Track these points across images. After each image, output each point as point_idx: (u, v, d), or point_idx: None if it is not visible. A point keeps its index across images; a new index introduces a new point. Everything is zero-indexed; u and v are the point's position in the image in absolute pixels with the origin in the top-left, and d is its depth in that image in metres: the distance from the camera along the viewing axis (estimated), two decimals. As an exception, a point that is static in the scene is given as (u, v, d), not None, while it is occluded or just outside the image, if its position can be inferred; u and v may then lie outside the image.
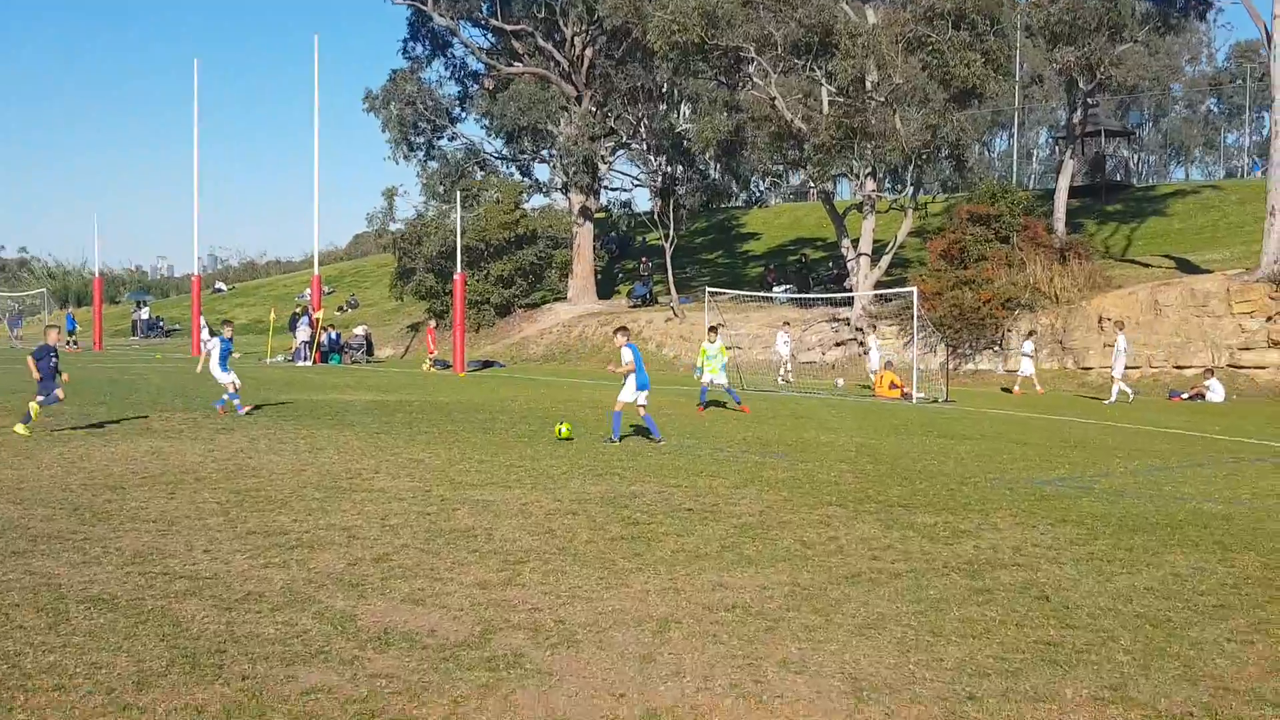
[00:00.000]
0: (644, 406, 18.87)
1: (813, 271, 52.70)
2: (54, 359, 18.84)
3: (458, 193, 48.24)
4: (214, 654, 6.98)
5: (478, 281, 51.12)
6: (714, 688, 6.61)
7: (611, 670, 6.89)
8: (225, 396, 22.29)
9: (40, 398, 18.36)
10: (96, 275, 65.52)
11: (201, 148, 54.94)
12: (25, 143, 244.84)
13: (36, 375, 18.54)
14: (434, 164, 56.12)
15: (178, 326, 70.98)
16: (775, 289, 47.97)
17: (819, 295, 42.24)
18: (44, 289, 73.43)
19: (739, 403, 25.74)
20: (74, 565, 9.20)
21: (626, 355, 18.76)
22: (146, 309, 73.53)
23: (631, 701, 6.35)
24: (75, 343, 58.41)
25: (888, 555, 10.19)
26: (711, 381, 25.94)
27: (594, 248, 55.16)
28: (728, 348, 26.73)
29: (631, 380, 18.71)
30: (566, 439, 18.51)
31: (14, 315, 68.01)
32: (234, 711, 6.01)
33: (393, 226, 56.00)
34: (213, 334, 29.00)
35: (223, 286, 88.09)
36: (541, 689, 6.52)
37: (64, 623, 7.57)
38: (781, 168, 49.50)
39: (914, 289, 33.64)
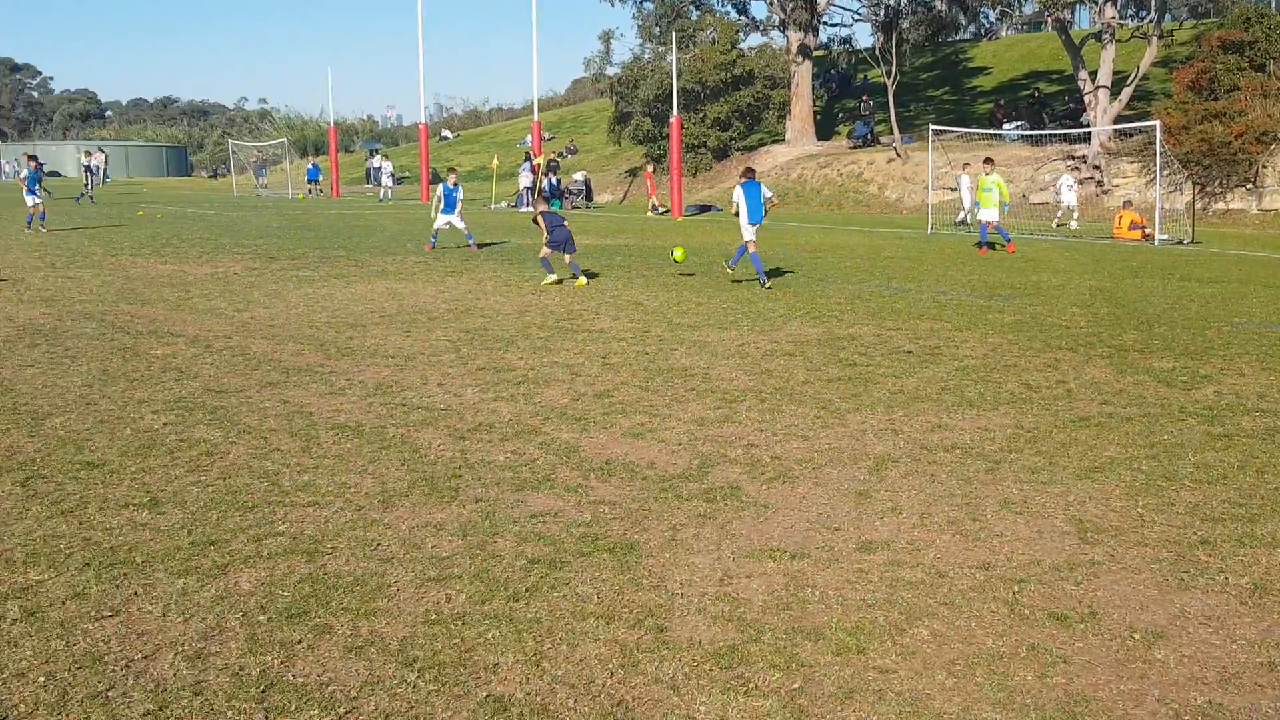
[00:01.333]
0: (752, 243, 18.50)
1: (1047, 107, 50.27)
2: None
3: (673, 34, 47.68)
4: (450, 478, 7.43)
5: (694, 125, 50.77)
6: (931, 524, 6.67)
7: (827, 505, 7.03)
8: (432, 239, 24.35)
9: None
10: (331, 125, 67.91)
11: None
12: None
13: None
14: (649, 5, 55.49)
15: (407, 174, 73.26)
16: (1005, 126, 46.05)
17: (1053, 132, 40.38)
18: (284, 139, 76.51)
19: (1008, 240, 25.20)
20: (322, 395, 9.86)
21: (735, 194, 18.62)
22: (378, 157, 75.97)
23: (847, 535, 6.48)
24: (321, 190, 61.02)
25: (1119, 400, 9.94)
26: (987, 219, 25.35)
27: (813, 87, 53.88)
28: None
29: (744, 217, 18.41)
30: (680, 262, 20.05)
31: (258, 164, 71.27)
32: (469, 530, 6.42)
33: (609, 71, 55.87)
34: (437, 180, 29.91)
35: (448, 134, 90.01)
36: (757, 520, 6.72)
37: (315, 447, 8.17)
38: (1013, -4, 47.04)
39: (1157, 123, 31.80)
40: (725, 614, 5.33)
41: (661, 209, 43.57)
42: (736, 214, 18.49)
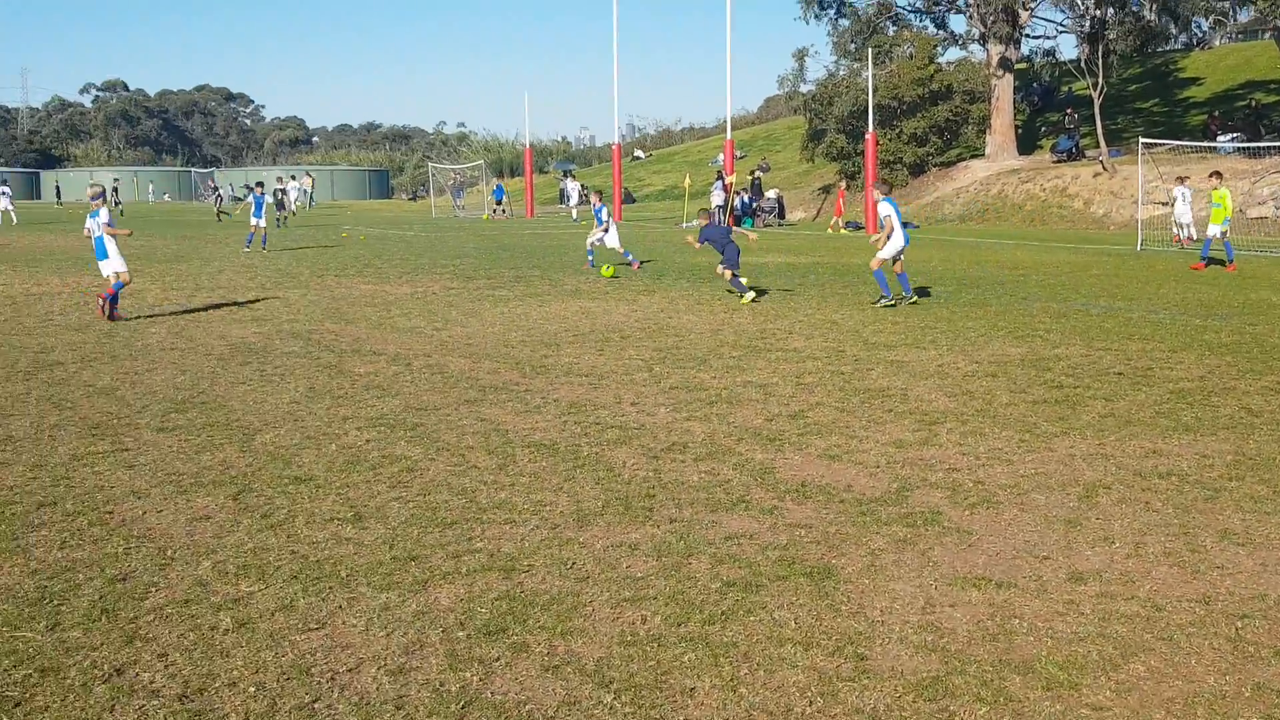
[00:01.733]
0: (900, 260, 18.14)
1: (1264, 118, 47.89)
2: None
3: (869, 50, 47.24)
4: (644, 498, 7.43)
5: (890, 140, 50.13)
6: (1146, 555, 6.36)
7: (1034, 532, 6.77)
8: (589, 256, 25.27)
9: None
10: (527, 147, 69.46)
11: (620, 19, 56.51)
12: (463, 27, 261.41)
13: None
14: (845, 21, 55.03)
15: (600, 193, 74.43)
16: (1220, 138, 44.01)
17: (1272, 144, 38.40)
18: (481, 161, 78.66)
19: (1230, 259, 24.19)
20: (518, 413, 10.02)
21: (885, 209, 17.85)
22: (570, 178, 77.33)
23: (1056, 564, 6.23)
24: (505, 210, 62.44)
25: (1349, 425, 9.33)
26: (1213, 233, 24.43)
27: (1014, 100, 52.58)
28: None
29: (898, 236, 17.85)
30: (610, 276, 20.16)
31: (456, 186, 73.38)
32: (664, 551, 6.40)
33: (803, 88, 55.61)
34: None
35: (641, 154, 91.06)
36: (960, 547, 6.52)
37: (511, 464, 8.29)
38: (1227, 3, 44.98)
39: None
40: (928, 644, 5.17)
41: (852, 225, 43.06)
42: (890, 234, 17.81)
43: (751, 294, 18.33)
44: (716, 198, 47.92)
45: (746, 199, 49.62)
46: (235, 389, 11.19)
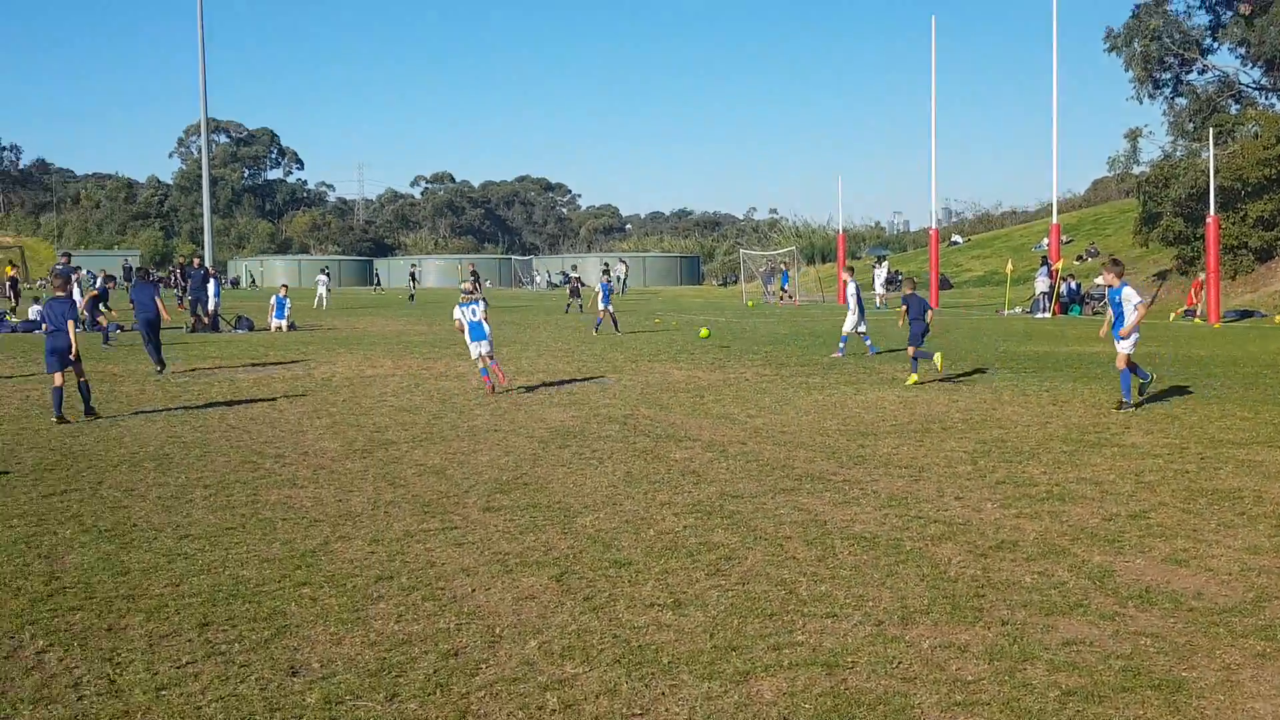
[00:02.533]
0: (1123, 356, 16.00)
1: None
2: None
3: (1210, 130, 45.00)
4: (972, 597, 7.22)
5: (1233, 224, 47.39)
6: None
7: None
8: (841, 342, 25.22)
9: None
10: (840, 232, 69.60)
11: (938, 101, 56.06)
12: (776, 112, 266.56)
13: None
14: (1182, 100, 52.82)
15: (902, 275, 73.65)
16: None
17: None
18: (792, 247, 79.32)
19: None
20: (835, 504, 9.96)
21: (1132, 296, 15.88)
22: (885, 264, 76.90)
23: None
24: (790, 295, 62.61)
25: None
26: None
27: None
28: None
29: (1133, 325, 15.89)
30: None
31: (767, 272, 74.23)
32: (995, 654, 6.19)
33: (1136, 170, 53.49)
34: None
35: (958, 239, 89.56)
36: (1334, 667, 6.00)
37: (831, 557, 8.23)
38: None
39: None
40: (1299, 774, 4.77)
41: (1189, 315, 40.85)
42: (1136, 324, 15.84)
43: (915, 377, 18.79)
44: (1041, 284, 46.54)
45: (1073, 285, 47.93)
46: (555, 471, 11.62)
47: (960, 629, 6.62)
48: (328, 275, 61.29)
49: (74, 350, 14.92)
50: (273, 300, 36.61)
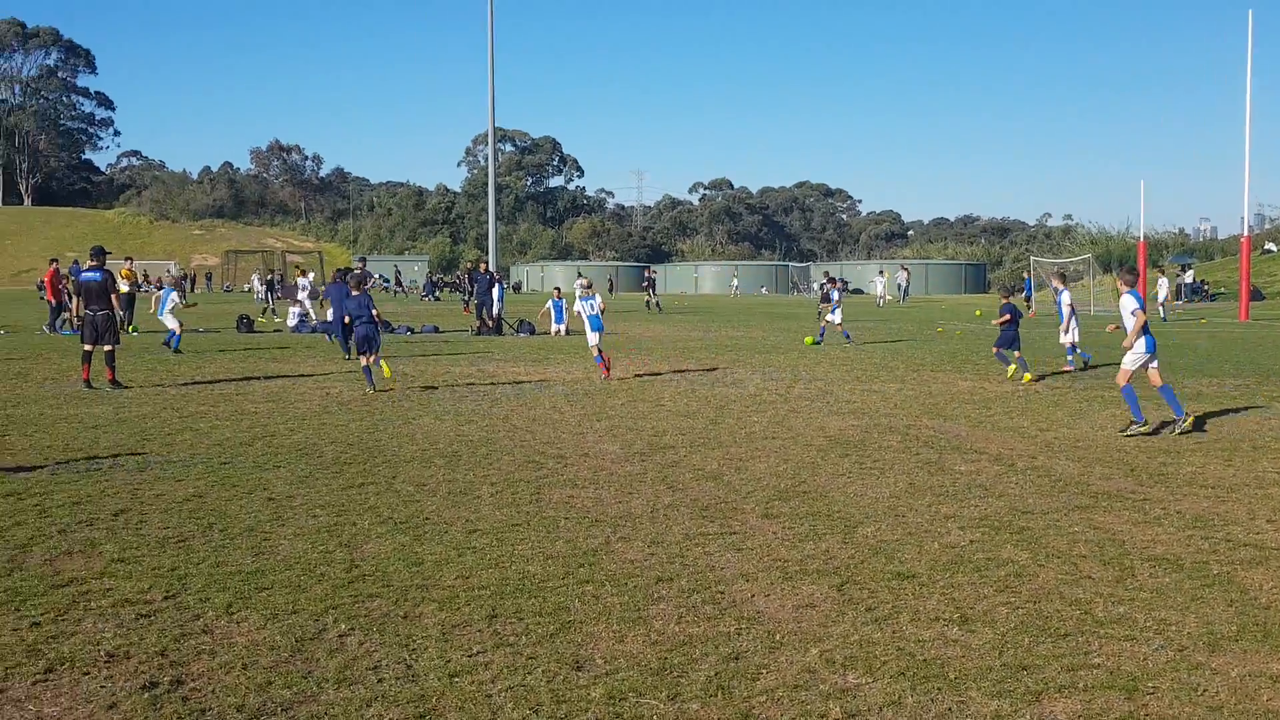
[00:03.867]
0: (1155, 369, 15.10)
1: None
2: None
3: None
4: (1289, 627, 6.83)
5: None
6: None
7: None
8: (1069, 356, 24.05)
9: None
10: (1140, 240, 66.56)
11: (1253, 101, 52.79)
12: (1073, 115, 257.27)
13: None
14: None
15: (1223, 290, 69.65)
16: None
17: None
18: (1087, 255, 76.35)
19: None
20: (1135, 524, 9.57)
21: (1131, 303, 14.86)
22: (1190, 272, 73.14)
23: None
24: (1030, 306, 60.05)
25: None
26: None
27: None
28: None
29: (1141, 341, 14.82)
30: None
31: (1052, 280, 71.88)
32: (1316, 690, 5.84)
33: None
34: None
35: (1272, 247, 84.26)
36: None
37: (1129, 578, 7.92)
38: None
39: None
40: None
41: None
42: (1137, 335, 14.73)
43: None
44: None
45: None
46: (835, 480, 11.59)
47: (1272, 658, 6.28)
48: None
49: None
50: (549, 305, 37.77)
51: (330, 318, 29.75)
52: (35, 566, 8.06)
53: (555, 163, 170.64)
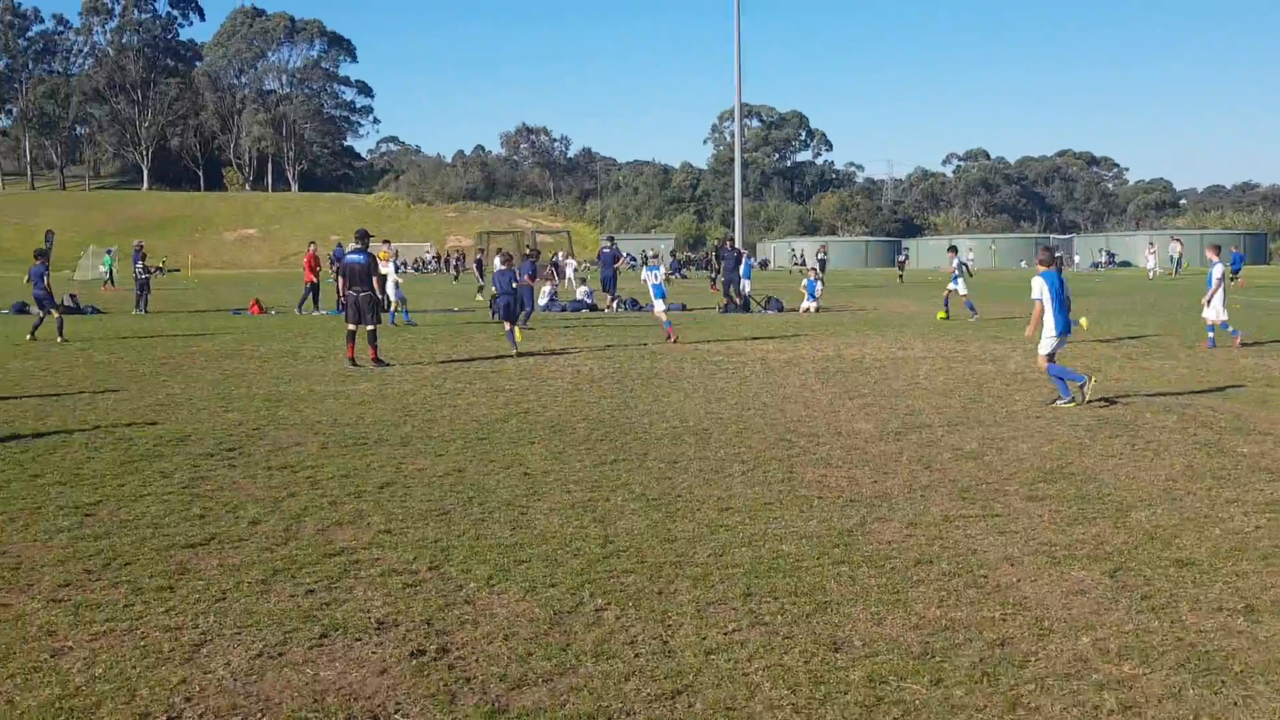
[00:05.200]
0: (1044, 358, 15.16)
1: None
2: None
3: None
4: None
5: None
6: None
7: None
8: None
9: None
10: None
11: None
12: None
13: None
14: None
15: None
16: None
17: None
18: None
19: None
20: None
21: (1037, 288, 14.94)
22: None
23: None
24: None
25: None
26: None
27: None
28: None
29: (1049, 321, 14.96)
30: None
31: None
32: None
33: None
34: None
35: None
36: None
37: None
38: None
39: None
40: None
41: None
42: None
43: None
44: None
45: None
46: (1105, 461, 11.15)
47: None
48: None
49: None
50: (804, 283, 37.52)
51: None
52: (309, 536, 8.51)
53: (803, 137, 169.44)
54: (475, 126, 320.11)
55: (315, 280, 36.55)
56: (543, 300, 39.67)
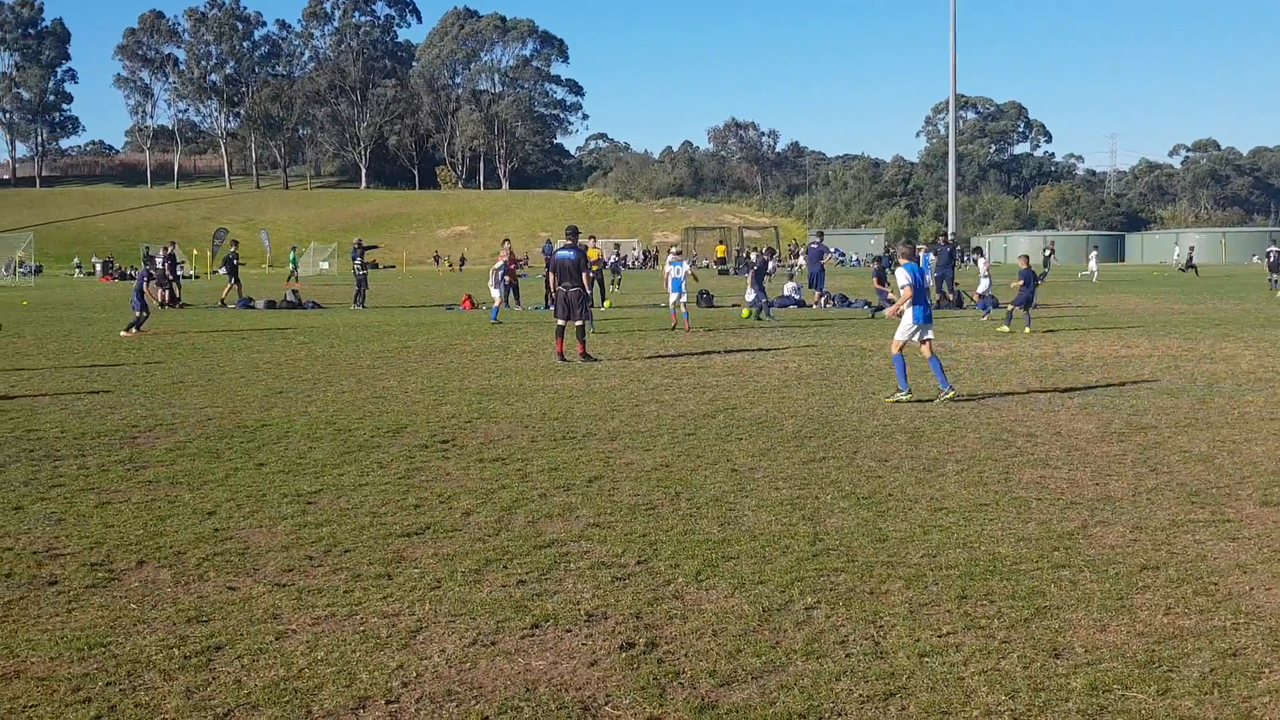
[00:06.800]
0: (928, 342, 15.46)
1: None
2: None
3: None
4: None
5: None
6: None
7: None
8: None
9: None
10: None
11: None
12: None
13: None
14: None
15: None
16: None
17: None
18: None
19: None
20: None
21: (902, 277, 15.27)
22: None
23: None
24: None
25: None
26: None
27: None
28: None
29: (909, 312, 15.21)
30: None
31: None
32: None
33: None
34: None
35: None
36: None
37: None
38: None
39: None
40: None
41: None
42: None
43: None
44: None
45: None
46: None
47: None
48: (1098, 250, 62.36)
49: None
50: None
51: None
52: (519, 528, 8.70)
53: (1020, 128, 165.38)
54: (683, 122, 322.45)
55: (512, 279, 37.38)
56: (749, 296, 39.55)
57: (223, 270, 47.45)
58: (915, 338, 15.37)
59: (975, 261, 30.96)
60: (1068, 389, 16.18)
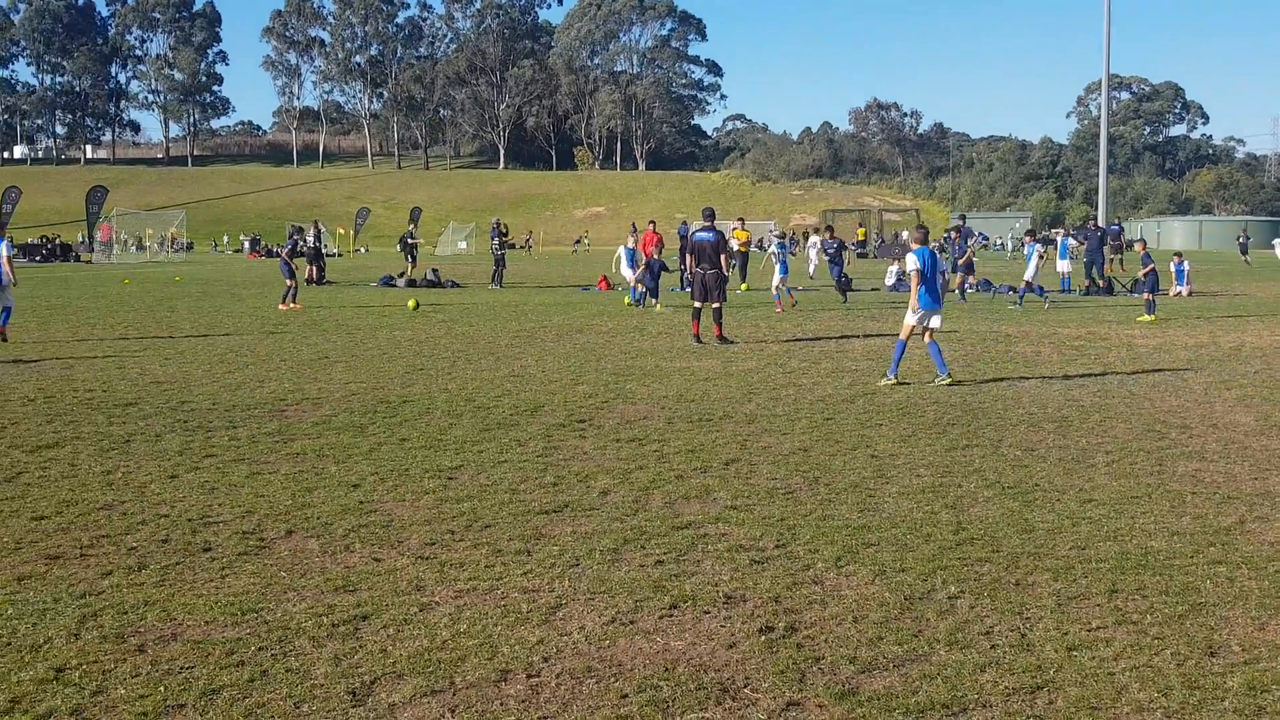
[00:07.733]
0: (931, 330, 15.46)
1: None
2: None
3: None
4: None
5: None
6: None
7: None
8: None
9: None
10: None
11: None
12: None
13: None
14: None
15: None
16: None
17: None
18: None
19: None
20: None
21: (911, 262, 15.31)
22: None
23: None
24: None
25: None
26: None
27: None
28: None
29: (915, 298, 15.25)
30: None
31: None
32: None
33: None
34: None
35: None
36: None
37: None
38: None
39: None
40: None
41: None
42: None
43: None
44: None
45: None
46: None
47: None
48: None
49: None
50: (1171, 266, 35.52)
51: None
52: (656, 508, 8.73)
53: (1177, 110, 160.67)
54: (823, 103, 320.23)
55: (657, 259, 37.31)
56: (889, 280, 39.12)
57: (398, 249, 48.56)
58: (922, 323, 15.36)
59: (1134, 248, 29.92)
60: (1225, 380, 15.68)
